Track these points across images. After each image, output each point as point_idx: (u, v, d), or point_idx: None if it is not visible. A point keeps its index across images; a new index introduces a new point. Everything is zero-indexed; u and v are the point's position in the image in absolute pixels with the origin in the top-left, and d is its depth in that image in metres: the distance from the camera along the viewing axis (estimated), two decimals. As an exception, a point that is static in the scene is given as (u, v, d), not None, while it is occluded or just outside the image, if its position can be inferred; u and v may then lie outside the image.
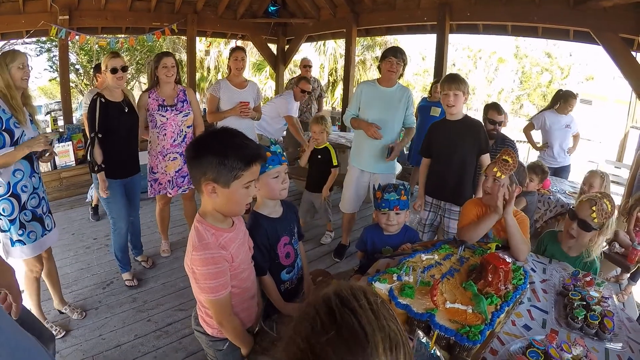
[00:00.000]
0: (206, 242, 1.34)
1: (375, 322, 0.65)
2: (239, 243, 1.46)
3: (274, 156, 1.70)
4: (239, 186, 1.31)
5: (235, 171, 1.28)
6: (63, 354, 2.42)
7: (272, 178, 1.70)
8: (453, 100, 2.76)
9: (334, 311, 0.66)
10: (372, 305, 0.67)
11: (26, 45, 11.84)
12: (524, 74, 19.87)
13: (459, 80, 2.76)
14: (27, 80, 2.24)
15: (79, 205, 4.79)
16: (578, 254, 2.07)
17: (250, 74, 16.00)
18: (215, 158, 1.26)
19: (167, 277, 3.32)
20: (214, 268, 1.33)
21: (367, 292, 0.71)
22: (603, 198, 1.96)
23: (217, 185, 1.30)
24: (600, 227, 1.96)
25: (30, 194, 2.28)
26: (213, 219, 1.40)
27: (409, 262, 1.71)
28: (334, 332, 0.63)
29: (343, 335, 0.63)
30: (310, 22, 7.45)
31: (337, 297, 0.68)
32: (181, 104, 3.22)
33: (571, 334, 1.42)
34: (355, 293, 0.69)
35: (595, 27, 4.31)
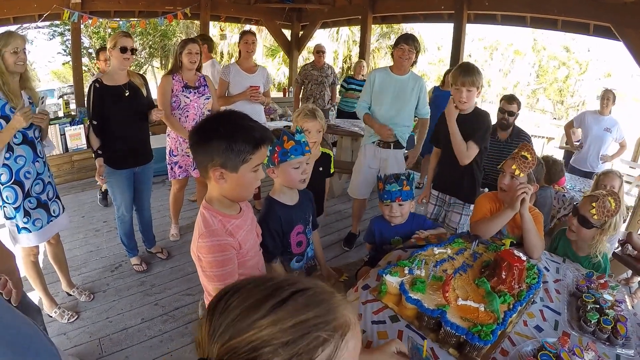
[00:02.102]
0: (213, 229, 1.31)
1: (282, 326, 0.56)
2: (246, 230, 1.43)
3: (297, 145, 1.66)
4: (248, 170, 1.27)
5: (244, 155, 1.24)
6: (70, 336, 2.45)
7: (292, 168, 1.67)
8: (466, 97, 2.53)
9: (284, 284, 0.62)
10: (306, 324, 0.57)
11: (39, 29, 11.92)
12: (540, 67, 19.48)
13: (474, 73, 2.50)
14: (22, 65, 2.11)
15: (90, 188, 4.82)
16: (586, 254, 2.01)
17: (263, 59, 15.92)
18: (223, 142, 1.22)
19: (176, 262, 3.33)
20: (220, 255, 1.30)
21: (332, 321, 0.59)
22: (607, 196, 1.88)
23: (225, 171, 1.26)
24: (602, 225, 1.89)
25: (34, 180, 2.23)
26: (220, 205, 1.37)
27: (421, 255, 1.68)
28: (253, 285, 0.62)
29: (256, 296, 0.60)
30: (326, 8, 7.36)
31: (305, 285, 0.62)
32: (203, 88, 3.29)
33: (583, 337, 1.37)
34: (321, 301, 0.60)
35: (616, 22, 4.19)
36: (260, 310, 0.57)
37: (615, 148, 4.50)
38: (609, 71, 18.15)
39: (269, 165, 1.72)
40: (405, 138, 3.35)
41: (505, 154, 2.76)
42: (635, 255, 2.89)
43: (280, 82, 15.48)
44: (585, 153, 4.44)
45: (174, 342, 2.45)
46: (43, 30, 12.15)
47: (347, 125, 5.04)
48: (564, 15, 4.66)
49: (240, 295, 0.60)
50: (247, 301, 0.59)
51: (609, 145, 4.42)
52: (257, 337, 0.54)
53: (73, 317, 2.58)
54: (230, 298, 0.60)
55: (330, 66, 5.90)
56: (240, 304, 0.59)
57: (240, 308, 0.58)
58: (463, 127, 2.62)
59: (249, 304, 0.58)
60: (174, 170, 3.40)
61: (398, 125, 3.25)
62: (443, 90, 4.86)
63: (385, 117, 3.24)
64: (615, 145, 4.48)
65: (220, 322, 0.58)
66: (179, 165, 3.39)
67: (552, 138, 9.14)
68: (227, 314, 0.58)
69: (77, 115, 5.37)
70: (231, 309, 0.58)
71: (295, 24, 8.21)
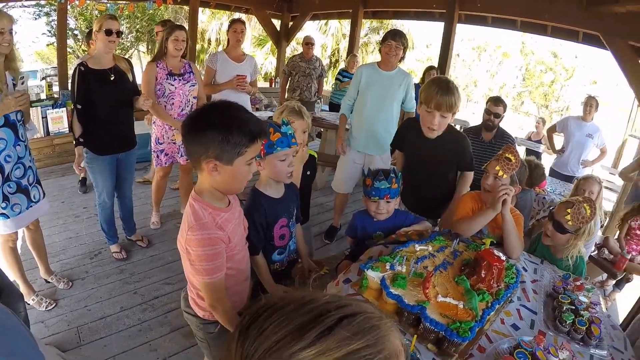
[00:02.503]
0: (203, 222, 1.28)
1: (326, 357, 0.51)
2: (235, 223, 1.41)
3: (283, 137, 1.64)
4: (242, 163, 1.26)
5: (239, 148, 1.22)
6: (48, 324, 2.41)
7: (279, 160, 1.65)
8: (438, 124, 2.18)
9: (330, 309, 0.54)
10: (353, 355, 0.51)
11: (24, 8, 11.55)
12: (527, 70, 19.80)
13: (453, 96, 2.10)
14: (7, 46, 2.04)
15: (70, 173, 4.69)
16: (562, 256, 2.05)
17: (251, 48, 15.75)
18: (219, 134, 1.19)
19: (156, 250, 3.29)
20: (210, 249, 1.27)
21: (382, 350, 0.54)
22: (583, 202, 1.91)
23: (219, 163, 1.23)
24: (576, 231, 1.92)
25: (15, 164, 2.16)
26: (210, 197, 1.34)
27: (403, 251, 1.69)
28: (293, 308, 0.54)
29: (295, 323, 0.52)
30: (317, 0, 7.30)
31: (354, 311, 0.55)
32: (188, 75, 3.23)
33: (558, 337, 1.41)
34: (367, 330, 0.54)
35: (605, 32, 4.28)
36: (304, 338, 0.50)
37: (596, 153, 4.61)
38: (594, 79, 18.55)
39: (256, 158, 1.70)
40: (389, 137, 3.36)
41: (488, 155, 2.74)
42: (610, 259, 2.98)
43: (268, 72, 15.35)
44: (567, 157, 4.54)
45: (152, 332, 2.43)
46: (28, 9, 11.80)
47: (332, 117, 5.04)
48: (555, 22, 4.74)
49: (279, 318, 0.53)
50: (287, 326, 0.52)
51: (590, 151, 4.53)
52: None
53: (51, 305, 2.54)
54: (266, 321, 0.53)
55: (318, 58, 5.86)
56: (279, 329, 0.52)
57: (279, 334, 0.51)
58: (436, 149, 2.33)
59: (290, 330, 0.51)
60: (160, 158, 3.35)
61: (383, 121, 3.27)
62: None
63: (371, 113, 3.25)
64: (596, 151, 4.59)
65: (255, 347, 0.52)
66: (165, 152, 3.34)
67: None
68: (264, 339, 0.51)
69: (60, 98, 5.22)
70: (268, 334, 0.52)
71: (285, 14, 8.13)
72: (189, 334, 2.32)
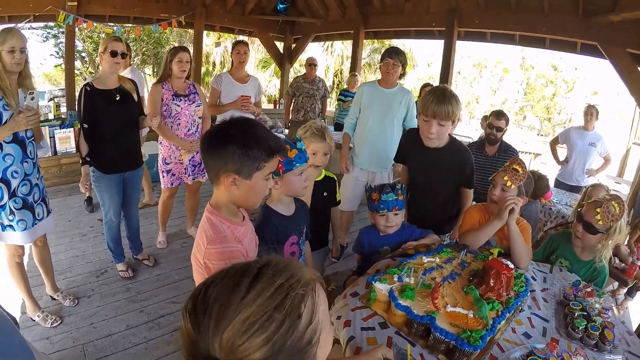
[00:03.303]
0: (224, 235, 1.28)
1: (262, 299, 0.61)
2: (250, 238, 1.42)
3: (300, 154, 1.67)
4: (260, 178, 1.27)
5: (259, 162, 1.24)
6: (53, 341, 2.39)
7: (296, 176, 1.68)
8: (436, 133, 2.12)
9: (246, 270, 0.66)
10: (282, 288, 0.63)
11: (33, 30, 11.84)
12: (528, 85, 19.93)
13: (450, 102, 2.05)
14: (19, 64, 2.09)
15: (77, 192, 4.72)
16: (590, 259, 2.03)
17: (255, 71, 16.01)
18: (239, 149, 1.21)
19: (162, 269, 3.29)
20: (230, 263, 1.28)
21: (300, 280, 0.66)
22: (611, 200, 1.89)
23: (238, 177, 1.24)
24: (607, 230, 1.90)
25: (22, 181, 2.19)
26: (227, 212, 1.34)
27: (410, 263, 1.69)
28: (230, 282, 0.64)
29: (232, 287, 0.63)
30: (319, 22, 7.45)
31: (265, 262, 0.69)
32: (193, 95, 3.30)
33: (571, 344, 1.40)
34: (282, 270, 0.66)
35: (602, 41, 4.33)
36: (240, 291, 0.61)
37: (600, 162, 4.60)
38: (595, 89, 18.64)
39: (273, 177, 1.72)
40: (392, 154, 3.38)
41: (492, 169, 2.73)
42: (622, 267, 2.94)
43: (272, 94, 15.57)
44: (571, 167, 4.53)
45: (158, 350, 2.40)
46: (37, 31, 12.10)
47: (336, 137, 5.05)
48: (552, 34, 4.80)
49: (214, 288, 0.63)
50: (223, 290, 0.62)
51: (594, 160, 4.53)
52: (250, 314, 0.59)
53: (56, 322, 2.53)
54: (205, 295, 0.63)
55: (321, 79, 5.93)
56: (219, 295, 0.62)
57: (221, 298, 0.61)
58: (438, 162, 2.28)
59: (227, 291, 0.62)
60: (166, 179, 3.38)
61: (384, 139, 3.30)
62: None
63: (372, 130, 3.29)
64: (600, 159, 4.58)
65: (207, 319, 0.60)
66: (172, 172, 3.37)
67: (539, 154, 9.31)
68: (211, 309, 0.60)
69: (68, 118, 5.32)
70: (212, 303, 0.61)
71: (288, 36, 8.29)
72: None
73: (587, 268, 2.01)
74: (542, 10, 4.64)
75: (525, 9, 4.81)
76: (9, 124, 2.05)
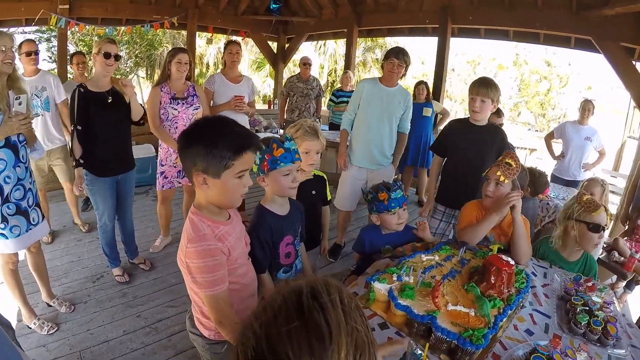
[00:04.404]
0: (202, 234, 1.27)
1: (344, 323, 0.60)
2: (235, 237, 1.39)
3: (286, 153, 1.63)
4: (230, 176, 1.25)
5: (225, 161, 1.22)
6: (49, 348, 2.36)
7: (282, 175, 1.64)
8: (479, 107, 2.61)
9: (303, 303, 0.60)
10: (345, 306, 0.62)
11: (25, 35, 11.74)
12: (522, 81, 19.99)
13: (489, 86, 2.58)
14: (9, 64, 2.07)
15: (72, 198, 4.70)
16: (577, 259, 2.03)
17: (250, 71, 15.97)
18: (204, 148, 1.21)
19: (159, 273, 3.25)
20: (210, 260, 1.26)
21: (342, 290, 0.65)
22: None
23: (207, 176, 1.24)
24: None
25: (14, 186, 2.14)
26: (208, 211, 1.34)
27: (409, 262, 1.66)
28: (298, 324, 0.58)
29: (306, 329, 0.58)
30: (312, 21, 7.44)
31: (309, 289, 0.63)
32: (191, 98, 3.26)
33: (574, 339, 1.38)
34: (329, 289, 0.64)
35: (596, 35, 4.33)
36: (320, 328, 0.58)
37: (595, 156, 4.61)
38: (589, 84, 18.71)
39: (259, 174, 1.69)
40: (390, 152, 3.39)
41: None
42: (621, 261, 2.94)
43: (267, 94, 15.52)
44: (568, 162, 4.53)
45: (156, 355, 2.37)
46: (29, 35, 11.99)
47: (331, 136, 5.05)
48: (546, 29, 4.80)
49: (276, 342, 0.58)
50: (295, 338, 0.58)
51: (590, 154, 4.53)
52: (346, 347, 0.58)
53: (53, 329, 2.49)
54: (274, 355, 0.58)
55: (315, 78, 5.88)
56: (294, 345, 0.57)
57: (303, 348, 0.57)
58: (478, 138, 2.70)
59: (303, 336, 0.58)
60: (159, 180, 3.36)
61: (382, 136, 3.28)
62: (415, 102, 4.93)
63: (370, 128, 3.26)
64: (596, 154, 4.59)
65: None
66: (165, 175, 3.34)
67: (534, 149, 9.33)
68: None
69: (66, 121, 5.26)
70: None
71: (281, 36, 8.26)
72: (193, 357, 2.27)
73: (578, 267, 2.01)
74: (535, 5, 4.64)
75: (519, 4, 4.82)
76: (1, 129, 2.01)
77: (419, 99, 4.97)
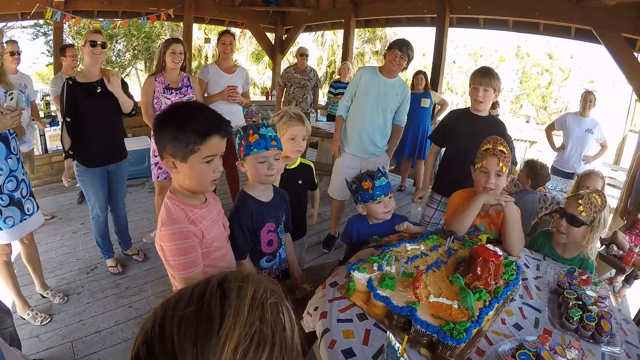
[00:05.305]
0: (175, 217, 1.29)
1: (243, 316, 0.54)
2: (211, 220, 1.40)
3: (261, 139, 1.60)
4: (197, 161, 1.25)
5: (191, 145, 1.22)
6: (42, 339, 2.37)
7: (258, 162, 1.62)
8: (482, 96, 2.62)
9: (207, 289, 0.57)
10: (255, 300, 0.56)
11: (23, 29, 11.70)
12: (524, 74, 19.82)
13: (491, 76, 2.60)
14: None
15: (68, 190, 4.66)
16: (573, 256, 1.98)
17: (248, 63, 15.88)
18: (172, 132, 1.22)
19: (152, 264, 3.25)
20: (182, 243, 1.27)
21: (262, 288, 0.59)
22: (592, 193, 1.88)
23: (175, 160, 1.25)
24: (591, 221, 1.86)
25: (7, 177, 2.14)
26: (182, 195, 1.35)
27: (392, 251, 1.62)
28: (192, 309, 0.54)
29: (197, 315, 0.54)
30: (309, 12, 7.37)
31: (220, 277, 0.60)
32: (185, 89, 3.23)
33: (565, 335, 1.33)
34: (246, 281, 0.59)
35: (597, 25, 4.26)
36: (214, 316, 0.54)
37: (596, 149, 4.55)
38: (591, 77, 18.54)
39: (238, 158, 1.68)
40: (382, 143, 3.35)
41: None
42: (620, 255, 2.91)
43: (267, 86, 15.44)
44: (568, 154, 4.47)
45: (147, 346, 2.36)
46: (27, 30, 11.95)
47: (327, 127, 5.01)
48: (546, 19, 4.73)
49: (173, 324, 0.54)
50: (189, 322, 0.54)
51: (591, 146, 4.46)
52: (238, 339, 0.52)
53: (46, 320, 2.50)
54: (163, 337, 0.54)
55: (312, 69, 5.81)
56: (185, 330, 0.54)
57: (191, 333, 0.53)
58: (479, 128, 2.65)
59: (195, 322, 0.54)
60: (154, 171, 3.32)
61: (377, 125, 3.24)
62: (413, 93, 4.88)
63: (366, 116, 3.21)
64: (597, 146, 4.53)
65: None
66: (159, 166, 3.30)
67: (534, 142, 9.27)
68: (184, 353, 0.52)
69: (58, 116, 5.24)
70: (182, 344, 0.53)
71: (279, 27, 8.19)
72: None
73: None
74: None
75: (519, -7, 4.74)
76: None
77: (417, 89, 4.92)
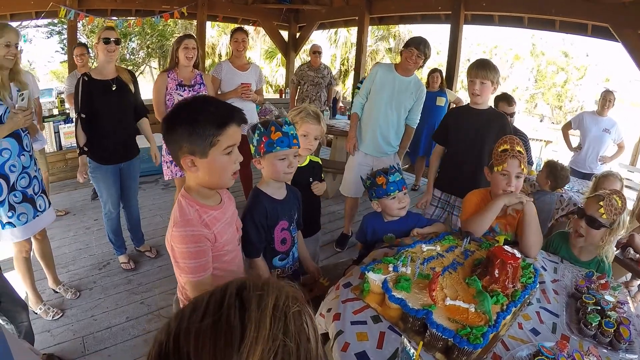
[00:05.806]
0: (188, 219, 1.25)
1: (266, 329, 0.50)
2: (225, 222, 1.36)
3: (284, 137, 1.58)
4: (218, 153, 1.20)
5: (210, 138, 1.17)
6: (54, 333, 2.39)
7: (278, 160, 1.60)
8: (479, 89, 2.56)
9: (224, 299, 0.53)
10: (277, 311, 0.52)
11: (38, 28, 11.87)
12: (539, 72, 19.51)
13: (488, 68, 2.53)
14: (11, 59, 2.08)
15: (82, 187, 4.71)
16: (590, 259, 1.93)
17: (261, 61, 15.90)
18: (187, 128, 1.16)
19: (164, 260, 3.25)
20: (193, 247, 1.23)
21: (288, 296, 0.55)
22: (612, 194, 1.83)
23: (195, 157, 1.20)
24: (611, 224, 1.81)
25: (20, 174, 2.17)
26: (198, 195, 1.31)
27: (408, 252, 1.59)
28: (209, 321, 0.51)
29: (216, 328, 0.50)
30: (323, 9, 7.33)
31: (238, 285, 0.55)
32: (198, 86, 3.23)
33: (583, 341, 1.29)
34: (266, 289, 0.55)
35: (614, 23, 4.16)
36: (233, 330, 0.50)
37: (613, 150, 4.44)
38: (607, 76, 18.17)
39: (255, 156, 1.65)
40: (396, 142, 3.32)
41: None
42: (636, 258, 2.82)
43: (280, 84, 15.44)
44: (584, 154, 4.36)
45: (157, 342, 2.37)
46: (41, 28, 12.12)
47: (341, 125, 4.98)
48: (562, 16, 4.63)
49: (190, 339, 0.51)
50: (207, 336, 0.50)
51: (608, 147, 4.34)
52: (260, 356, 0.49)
53: (58, 315, 2.53)
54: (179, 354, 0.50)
55: (326, 67, 5.77)
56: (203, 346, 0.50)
57: (208, 349, 0.49)
58: (478, 122, 2.63)
59: (214, 336, 0.50)
60: (171, 169, 3.25)
61: (391, 124, 3.20)
62: (429, 91, 4.82)
63: (380, 114, 3.18)
64: (614, 147, 4.42)
65: None
66: (175, 164, 3.28)
67: (550, 141, 9.11)
68: None
69: (72, 113, 5.30)
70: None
71: (292, 24, 8.16)
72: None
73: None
74: (551, -9, 4.48)
75: (534, -11, 4.65)
76: (7, 123, 2.05)
77: (432, 88, 4.86)
